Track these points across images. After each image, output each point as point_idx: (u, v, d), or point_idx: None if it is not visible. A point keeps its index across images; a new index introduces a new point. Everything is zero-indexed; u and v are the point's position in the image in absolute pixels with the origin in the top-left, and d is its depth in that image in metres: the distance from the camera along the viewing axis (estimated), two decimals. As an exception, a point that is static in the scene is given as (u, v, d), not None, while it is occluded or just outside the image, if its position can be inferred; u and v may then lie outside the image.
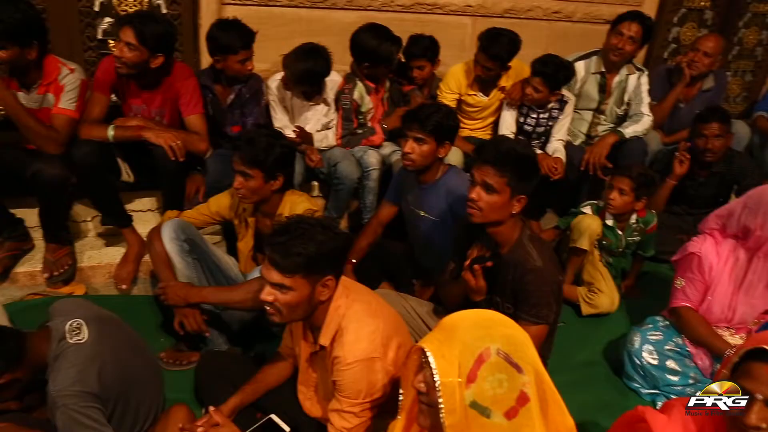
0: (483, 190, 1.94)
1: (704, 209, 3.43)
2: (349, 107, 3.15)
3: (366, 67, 3.09)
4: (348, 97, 3.14)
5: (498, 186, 1.91)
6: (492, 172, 1.91)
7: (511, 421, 1.21)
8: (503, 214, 1.97)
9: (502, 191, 1.92)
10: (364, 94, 3.17)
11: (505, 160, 1.90)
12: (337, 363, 1.67)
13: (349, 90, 3.13)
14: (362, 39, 3.04)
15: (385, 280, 2.83)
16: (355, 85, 3.14)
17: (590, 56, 3.48)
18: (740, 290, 2.32)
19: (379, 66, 3.09)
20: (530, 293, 1.97)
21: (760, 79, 4.78)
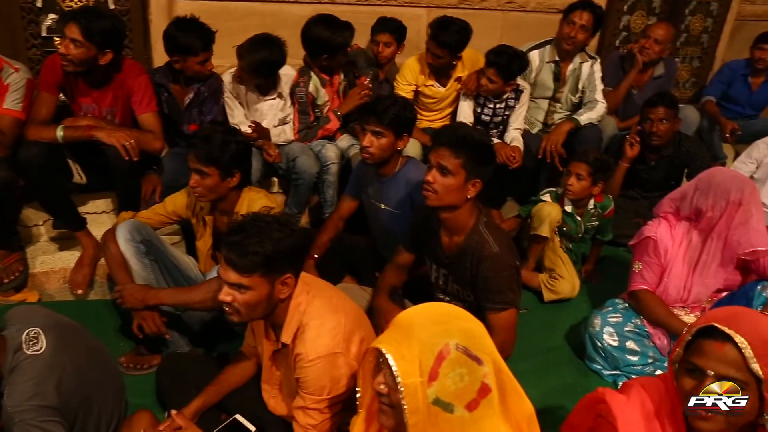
0: (438, 172, 1.96)
1: (657, 192, 3.55)
2: (305, 100, 3.12)
3: (325, 59, 3.06)
4: (303, 90, 3.11)
5: (453, 168, 1.94)
6: (447, 153, 1.94)
7: (472, 413, 1.22)
8: (459, 197, 1.99)
9: (457, 173, 1.95)
10: (319, 87, 3.14)
11: (460, 143, 1.94)
12: (300, 360, 1.66)
13: (304, 83, 3.10)
14: (315, 32, 3.01)
15: (348, 274, 2.82)
16: (309, 78, 3.11)
17: (544, 45, 3.52)
18: (695, 271, 2.39)
19: (336, 56, 3.06)
20: (490, 280, 1.99)
21: (707, 65, 4.92)
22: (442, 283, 2.23)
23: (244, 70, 2.89)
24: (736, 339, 1.27)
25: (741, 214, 2.27)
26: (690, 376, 1.34)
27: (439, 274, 2.23)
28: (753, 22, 4.89)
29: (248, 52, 2.85)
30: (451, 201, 2.00)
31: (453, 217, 2.05)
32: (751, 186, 2.30)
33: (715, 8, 4.73)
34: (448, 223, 2.08)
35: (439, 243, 2.16)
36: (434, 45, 3.16)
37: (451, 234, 2.11)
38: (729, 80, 4.48)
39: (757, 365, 1.25)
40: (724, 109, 4.44)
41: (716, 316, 1.34)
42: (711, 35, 4.84)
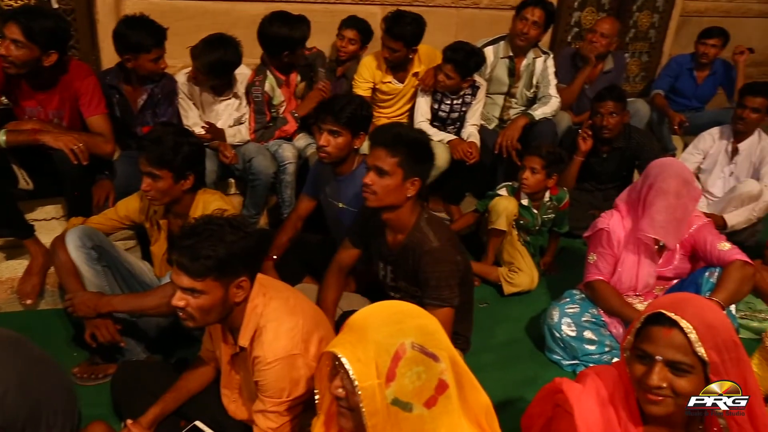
0: (376, 174, 1.97)
1: (611, 184, 3.64)
2: (261, 100, 3.08)
3: (286, 56, 3.03)
4: (259, 89, 3.07)
5: (390, 168, 1.95)
6: (383, 154, 1.95)
7: (431, 410, 1.22)
8: (398, 197, 2.00)
9: (394, 173, 1.95)
10: (275, 87, 3.11)
11: (395, 142, 1.95)
12: (258, 363, 1.64)
13: (260, 82, 3.07)
14: (273, 30, 2.97)
15: (308, 274, 2.80)
16: (265, 77, 3.07)
17: (498, 42, 3.56)
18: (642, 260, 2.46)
19: (297, 50, 3.04)
20: (429, 275, 2.00)
21: (655, 60, 5.07)
22: (391, 280, 2.24)
23: (199, 71, 2.85)
24: (682, 324, 1.30)
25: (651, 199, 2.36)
26: (640, 362, 1.37)
27: (387, 272, 2.24)
28: (696, 17, 5.05)
29: (202, 52, 2.80)
30: (392, 201, 2.00)
31: (395, 217, 2.06)
32: (678, 176, 2.35)
33: (661, 4, 4.88)
34: (390, 223, 2.09)
35: (384, 241, 2.17)
36: (389, 38, 3.17)
37: (394, 232, 2.12)
38: (676, 74, 4.62)
39: (702, 349, 1.29)
40: (672, 102, 4.57)
41: (663, 303, 1.37)
42: (658, 31, 4.98)
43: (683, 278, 2.48)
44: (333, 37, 3.44)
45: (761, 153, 3.52)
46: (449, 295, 2.01)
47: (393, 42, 3.17)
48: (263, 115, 3.12)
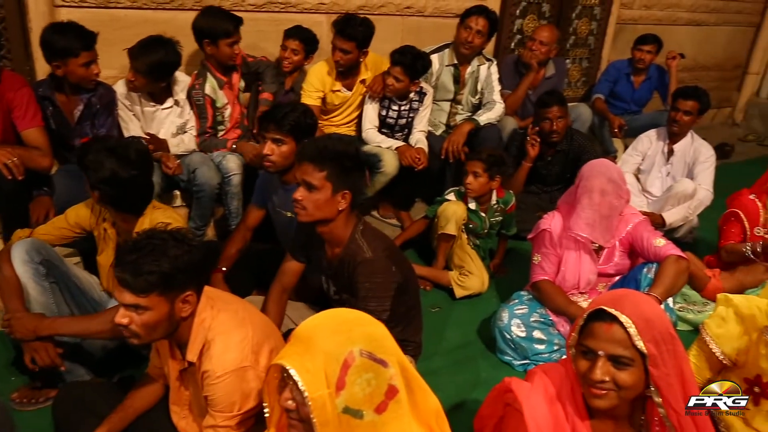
0: (305, 189, 1.95)
1: (556, 186, 3.74)
2: (203, 103, 3.05)
3: (207, 44, 3.00)
4: (199, 92, 3.04)
5: (318, 183, 1.92)
6: (311, 168, 1.93)
7: (382, 415, 1.22)
8: (330, 211, 1.98)
9: (323, 187, 1.93)
10: (217, 88, 3.08)
11: (322, 156, 1.92)
12: (207, 377, 1.60)
13: (200, 85, 3.04)
14: (198, 22, 3.00)
15: (259, 285, 2.76)
16: (205, 79, 3.05)
17: (443, 49, 3.62)
18: (582, 258, 2.53)
19: (219, 39, 2.99)
20: (360, 285, 1.99)
21: (594, 65, 5.24)
22: (334, 293, 2.23)
23: (139, 73, 2.78)
24: (621, 319, 1.35)
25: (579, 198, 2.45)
26: (584, 357, 1.41)
27: (329, 285, 2.23)
28: (632, 25, 5.27)
29: (142, 53, 2.75)
30: (323, 215, 1.98)
31: (329, 231, 2.04)
32: (602, 175, 2.46)
33: (599, 12, 5.05)
34: (325, 236, 2.08)
35: (324, 254, 2.16)
36: (341, 39, 3.17)
37: (332, 246, 2.11)
38: (614, 79, 4.80)
39: (641, 342, 1.34)
40: (612, 105, 4.75)
41: (604, 300, 1.42)
42: (596, 37, 5.16)
43: (624, 274, 2.56)
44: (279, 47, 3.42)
45: (694, 153, 3.68)
46: (376, 307, 1.98)
47: (345, 43, 3.18)
48: (205, 119, 3.08)
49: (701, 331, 1.96)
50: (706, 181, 3.58)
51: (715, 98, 6.14)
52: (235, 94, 3.19)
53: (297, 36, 3.31)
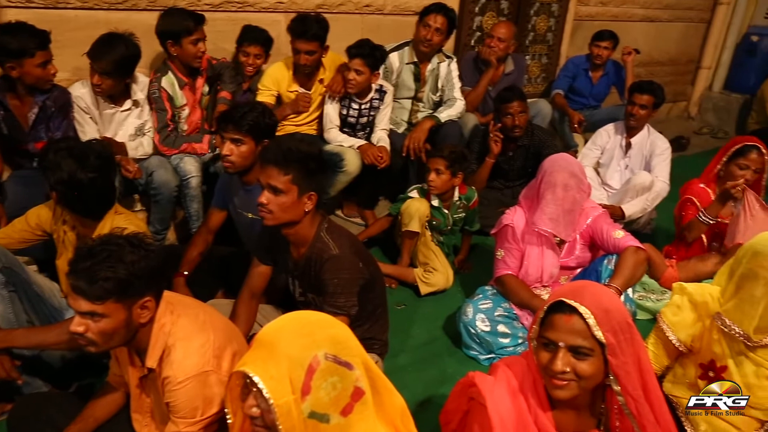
0: (270, 192, 1.93)
1: (518, 181, 3.78)
2: (159, 96, 3.01)
3: (171, 44, 2.95)
4: (155, 84, 3.00)
5: (283, 186, 1.91)
6: (275, 172, 1.91)
7: (348, 417, 1.22)
8: (296, 213, 1.97)
9: (288, 191, 1.92)
10: (176, 87, 3.04)
11: (286, 159, 1.91)
12: (168, 383, 1.57)
13: (157, 78, 3.00)
14: (159, 25, 2.96)
15: (222, 288, 2.73)
16: (164, 74, 3.01)
17: (402, 47, 3.63)
18: (545, 252, 2.57)
19: (181, 38, 2.95)
20: (328, 282, 1.99)
21: (553, 61, 5.32)
22: (299, 294, 2.22)
23: (105, 73, 2.72)
24: (581, 310, 1.37)
25: (542, 192, 2.50)
26: (545, 349, 1.43)
27: (295, 285, 2.22)
28: (588, 21, 5.36)
29: (103, 53, 2.69)
30: (289, 218, 1.98)
31: (294, 232, 2.03)
32: (565, 169, 2.50)
33: (556, 9, 5.13)
34: (291, 238, 2.07)
35: (290, 255, 2.14)
36: (304, 42, 3.15)
37: (297, 246, 2.10)
38: (573, 74, 4.88)
39: (600, 332, 1.36)
40: (571, 101, 4.83)
41: (563, 291, 1.44)
42: (555, 34, 5.24)
43: (585, 267, 2.61)
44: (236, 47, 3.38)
45: (651, 146, 3.76)
46: (345, 303, 1.99)
47: (310, 44, 3.16)
48: (164, 112, 3.03)
49: (658, 320, 2.01)
50: (662, 173, 3.66)
51: (671, 92, 6.31)
52: (197, 99, 3.14)
53: (258, 41, 3.27)
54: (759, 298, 1.75)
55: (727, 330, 1.81)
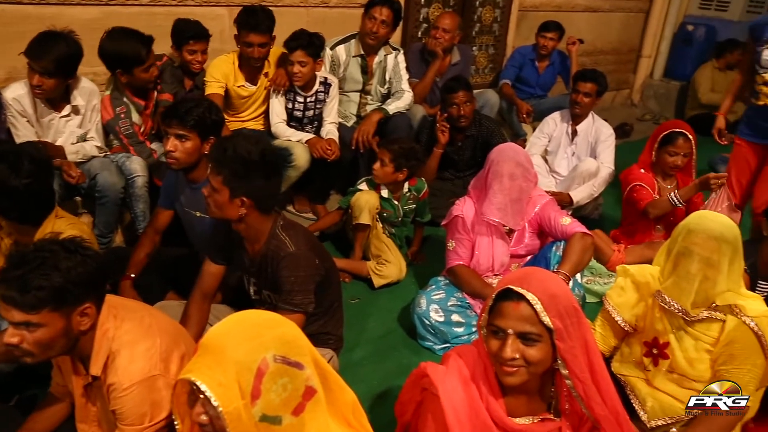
0: (210, 189, 1.95)
1: (468, 171, 3.82)
2: (133, 131, 2.97)
3: (120, 74, 2.86)
4: (127, 121, 2.94)
5: (217, 186, 1.92)
6: (211, 171, 1.93)
7: (300, 417, 1.21)
8: (231, 213, 1.96)
9: (221, 191, 1.92)
10: (134, 112, 2.98)
11: (220, 160, 1.90)
12: (113, 390, 1.52)
13: (125, 114, 2.93)
14: (105, 49, 2.82)
15: (172, 289, 2.66)
16: (129, 109, 2.94)
17: (349, 40, 3.61)
18: (495, 241, 2.61)
19: (131, 68, 2.85)
20: (285, 279, 1.98)
21: (500, 52, 5.38)
22: (254, 292, 2.19)
23: (47, 73, 2.59)
24: (528, 296, 1.39)
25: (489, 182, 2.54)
26: (495, 337, 1.45)
27: (250, 283, 2.19)
28: (533, 12, 5.44)
29: (43, 52, 2.55)
30: (225, 216, 1.97)
31: (244, 228, 2.01)
32: (511, 159, 2.53)
33: (501, 0, 5.18)
34: (242, 234, 2.04)
35: (245, 252, 2.11)
36: (258, 35, 3.10)
37: (251, 243, 2.07)
38: (520, 64, 4.95)
39: (548, 317, 1.39)
40: (519, 90, 4.90)
41: (511, 279, 1.46)
42: (500, 24, 5.29)
43: (535, 254, 2.66)
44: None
45: (596, 133, 3.85)
46: (302, 300, 1.99)
47: (263, 37, 3.12)
48: (142, 144, 3.01)
49: (604, 302, 2.06)
50: (607, 159, 3.76)
51: (614, 81, 6.50)
52: (148, 114, 3.07)
53: (204, 36, 3.16)
54: (694, 275, 1.82)
55: (667, 307, 1.88)
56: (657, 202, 3.15)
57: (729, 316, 1.84)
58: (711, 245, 1.81)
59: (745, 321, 1.81)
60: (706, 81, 6.06)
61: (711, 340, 1.88)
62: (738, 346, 1.82)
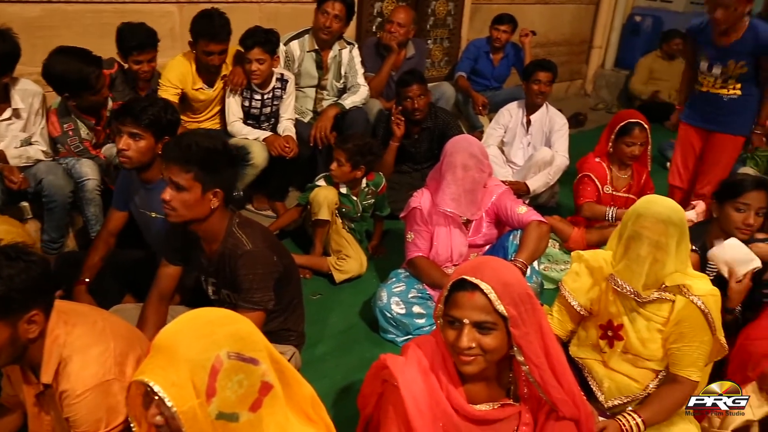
0: (174, 189, 1.88)
1: (426, 163, 3.84)
2: (84, 148, 2.87)
3: (67, 98, 2.77)
4: (75, 139, 2.85)
5: (186, 183, 1.87)
6: (177, 169, 1.87)
7: (257, 413, 1.20)
8: (201, 211, 1.93)
9: (192, 188, 1.88)
10: (89, 131, 2.91)
11: (188, 156, 1.86)
12: (66, 397, 1.49)
13: (74, 131, 2.84)
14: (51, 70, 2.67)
15: (129, 292, 2.62)
16: (77, 125, 2.85)
17: (302, 35, 3.59)
18: (452, 232, 2.63)
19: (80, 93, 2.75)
20: (243, 278, 1.96)
21: (455, 45, 5.42)
22: (213, 293, 2.17)
23: None
24: (482, 286, 1.41)
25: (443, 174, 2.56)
26: (451, 327, 1.46)
27: (209, 283, 2.17)
28: (486, 5, 5.50)
29: None
30: (194, 215, 1.93)
31: (203, 228, 1.99)
32: (464, 150, 2.56)
33: (454, -7, 5.22)
34: (200, 234, 2.02)
35: (202, 252, 2.09)
36: (217, 45, 3.06)
37: (208, 243, 2.05)
38: (475, 57, 5.00)
39: (502, 306, 1.40)
40: (474, 82, 4.95)
41: (464, 269, 1.47)
42: (454, 18, 5.33)
43: (493, 243, 2.69)
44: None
45: (550, 123, 3.93)
46: (261, 298, 1.97)
47: (223, 44, 3.08)
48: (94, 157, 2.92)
49: (560, 288, 2.11)
50: (561, 148, 3.83)
51: (567, 71, 6.62)
52: (104, 123, 2.99)
53: (147, 46, 3.03)
54: (644, 257, 1.87)
55: (620, 289, 1.93)
56: (594, 208, 3.24)
57: (678, 296, 1.90)
58: (659, 228, 1.86)
59: (693, 300, 1.87)
60: (642, 71, 6.37)
61: (662, 320, 1.93)
62: (687, 324, 1.88)
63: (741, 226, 2.30)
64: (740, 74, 3.26)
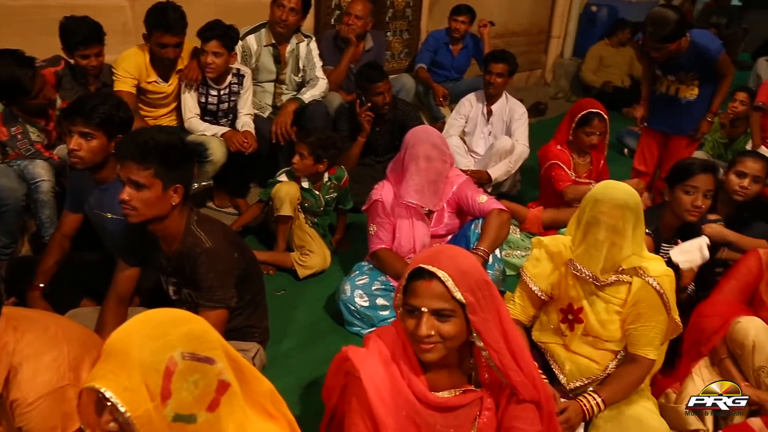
0: (133, 188, 1.83)
1: (387, 155, 3.84)
2: (36, 150, 2.78)
3: (8, 104, 2.68)
4: (25, 142, 2.75)
5: (146, 181, 1.82)
6: (135, 167, 1.82)
7: (215, 412, 1.18)
8: (162, 208, 1.89)
9: (151, 185, 1.83)
10: (39, 132, 2.81)
11: (145, 152, 1.81)
12: (18, 406, 1.44)
13: (22, 134, 2.74)
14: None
15: (86, 295, 2.55)
16: (24, 128, 2.75)
17: (259, 30, 3.54)
18: (415, 223, 2.64)
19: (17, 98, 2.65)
20: (203, 276, 1.93)
21: (415, 36, 5.42)
22: (174, 293, 2.13)
23: None
24: (439, 274, 1.42)
25: (406, 165, 2.57)
26: (411, 316, 1.46)
27: (169, 284, 2.13)
28: (444, -5, 5.50)
29: None
30: (155, 214, 1.89)
31: (162, 227, 1.95)
32: (426, 141, 2.57)
33: (412, -16, 5.22)
34: (159, 234, 1.98)
35: (161, 252, 2.05)
36: (172, 37, 2.99)
37: (167, 242, 2.01)
38: (435, 48, 5.01)
39: (459, 293, 1.41)
40: (434, 74, 4.97)
41: (422, 258, 1.48)
42: (413, 9, 5.33)
43: (455, 233, 2.71)
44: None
45: (510, 112, 3.96)
46: (223, 295, 1.95)
47: (178, 37, 3.02)
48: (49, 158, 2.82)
49: (521, 274, 2.13)
50: (522, 136, 3.88)
51: (527, 61, 6.68)
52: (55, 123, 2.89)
53: (92, 40, 2.89)
54: (602, 242, 1.91)
55: (579, 274, 1.97)
56: (578, 189, 3.29)
57: (634, 278, 1.94)
58: (616, 213, 1.90)
59: (649, 281, 1.91)
60: (591, 60, 6.58)
61: (620, 302, 1.97)
62: (643, 305, 1.93)
63: (690, 208, 2.36)
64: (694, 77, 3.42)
